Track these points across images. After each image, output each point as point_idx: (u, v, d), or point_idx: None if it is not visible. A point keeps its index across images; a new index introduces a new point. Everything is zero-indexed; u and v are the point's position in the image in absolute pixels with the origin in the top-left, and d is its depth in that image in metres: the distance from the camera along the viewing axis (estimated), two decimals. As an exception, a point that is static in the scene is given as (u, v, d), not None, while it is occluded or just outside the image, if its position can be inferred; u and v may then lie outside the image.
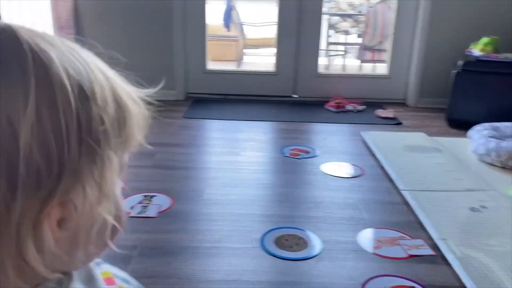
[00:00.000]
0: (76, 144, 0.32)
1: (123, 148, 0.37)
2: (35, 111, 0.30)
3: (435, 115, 3.15)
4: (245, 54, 5.14)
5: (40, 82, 0.31)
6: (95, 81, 0.34)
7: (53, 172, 0.31)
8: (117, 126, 0.35)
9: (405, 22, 3.35)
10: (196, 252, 1.48)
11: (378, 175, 2.14)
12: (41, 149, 0.30)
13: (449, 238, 1.56)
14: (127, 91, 0.38)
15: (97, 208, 0.34)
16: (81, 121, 0.32)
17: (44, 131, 0.31)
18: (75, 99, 0.32)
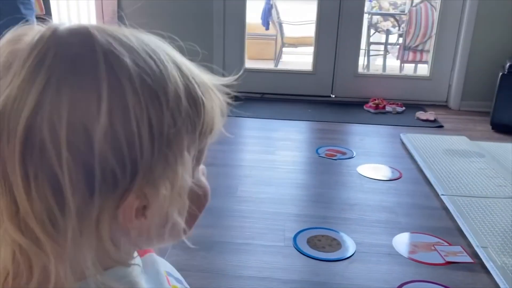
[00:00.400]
0: (148, 146, 0.33)
1: (200, 141, 0.38)
2: (108, 117, 0.31)
3: (478, 118, 3.04)
4: (283, 53, 5.13)
5: (112, 88, 0.32)
6: (168, 80, 0.34)
7: (127, 173, 0.32)
8: (191, 122, 0.36)
9: (449, 22, 3.24)
10: (229, 247, 1.49)
11: (416, 179, 2.09)
12: (115, 153, 0.32)
13: (489, 246, 1.50)
14: (203, 81, 0.38)
15: (169, 207, 0.35)
16: (153, 124, 0.33)
17: (117, 136, 0.32)
18: (146, 103, 0.33)
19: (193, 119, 0.36)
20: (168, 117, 0.34)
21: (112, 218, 0.33)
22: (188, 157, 0.36)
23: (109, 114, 0.31)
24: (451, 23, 3.24)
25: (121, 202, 0.33)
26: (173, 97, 0.34)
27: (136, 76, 0.33)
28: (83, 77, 0.32)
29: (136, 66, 0.33)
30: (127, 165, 0.32)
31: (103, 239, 0.34)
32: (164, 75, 0.34)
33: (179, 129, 0.35)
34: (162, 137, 0.33)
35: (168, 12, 3.21)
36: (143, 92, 0.33)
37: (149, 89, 0.33)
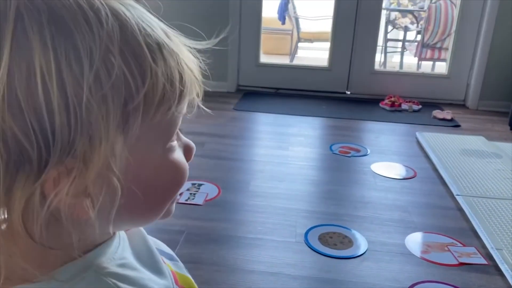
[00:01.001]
0: (61, 114, 0.28)
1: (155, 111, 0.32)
2: (7, 76, 0.27)
3: (497, 118, 2.98)
4: (299, 48, 5.10)
5: (17, 42, 0.28)
6: (97, 34, 0.29)
7: (34, 144, 0.29)
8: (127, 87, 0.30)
9: (469, 20, 3.19)
10: (240, 242, 1.49)
11: (431, 178, 2.06)
12: (16, 120, 0.28)
13: (504, 248, 1.48)
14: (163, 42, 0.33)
15: (92, 183, 0.31)
16: (66, 85, 0.28)
17: (17, 99, 0.28)
18: (58, 61, 0.28)
19: (132, 86, 0.30)
20: (91, 80, 0.29)
21: (28, 195, 0.29)
22: (119, 131, 0.31)
23: (8, 72, 0.27)
24: (471, 21, 3.18)
25: (38, 178, 0.29)
26: (101, 56, 0.29)
27: (48, 28, 0.28)
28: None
29: (53, 19, 0.28)
30: (36, 136, 0.28)
31: (12, 217, 0.30)
32: (92, 29, 0.29)
33: (106, 95, 0.29)
34: (81, 105, 0.28)
35: (183, 2, 3.21)
36: (56, 50, 0.28)
37: (66, 45, 0.28)
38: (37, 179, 0.29)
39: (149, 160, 0.35)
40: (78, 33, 0.29)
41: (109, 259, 0.36)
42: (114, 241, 0.38)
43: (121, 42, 0.30)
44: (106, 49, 0.29)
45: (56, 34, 0.28)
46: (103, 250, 0.37)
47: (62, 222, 0.32)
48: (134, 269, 0.37)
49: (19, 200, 0.29)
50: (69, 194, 0.30)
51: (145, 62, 0.31)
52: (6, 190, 0.29)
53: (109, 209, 0.33)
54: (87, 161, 0.30)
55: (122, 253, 0.38)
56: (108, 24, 0.30)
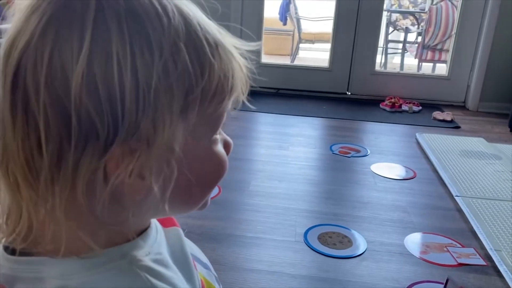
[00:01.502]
0: (132, 98, 0.31)
1: (208, 105, 0.35)
2: (86, 60, 0.30)
3: (496, 120, 2.99)
4: (300, 49, 5.11)
5: (97, 29, 0.30)
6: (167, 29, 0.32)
7: (105, 124, 0.31)
8: (190, 80, 0.33)
9: (470, 21, 3.19)
10: (240, 241, 1.50)
11: (430, 179, 2.07)
12: (92, 101, 0.30)
13: (503, 249, 1.48)
14: (219, 40, 0.36)
15: (152, 166, 0.33)
16: (138, 73, 0.31)
17: (95, 82, 0.30)
18: (133, 50, 0.30)
19: (193, 78, 0.33)
20: (160, 69, 0.31)
21: (93, 170, 0.32)
22: (180, 118, 0.33)
23: (88, 57, 0.30)
24: (472, 23, 3.18)
25: (104, 154, 0.31)
26: (169, 49, 0.32)
27: (125, 20, 0.30)
28: (70, 16, 0.30)
29: (130, 11, 0.31)
30: (107, 115, 0.30)
31: (77, 189, 0.32)
32: (163, 24, 0.32)
33: (171, 84, 0.32)
34: (150, 90, 0.31)
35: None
36: (131, 38, 0.30)
37: (140, 35, 0.31)
38: (102, 156, 0.31)
39: (199, 149, 0.37)
40: (150, 26, 0.31)
41: (145, 252, 0.37)
42: (151, 234, 0.39)
43: (186, 37, 0.33)
44: (173, 43, 0.32)
45: (132, 25, 0.31)
46: (140, 241, 0.37)
47: (119, 200, 0.34)
48: (168, 267, 0.38)
49: (84, 174, 0.31)
50: (132, 173, 0.32)
51: (205, 57, 0.34)
52: (74, 163, 0.31)
53: (163, 191, 0.35)
54: (151, 143, 0.32)
55: (159, 248, 0.39)
56: (175, 19, 0.32)
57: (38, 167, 0.32)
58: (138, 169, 0.32)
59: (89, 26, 0.30)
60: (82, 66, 0.30)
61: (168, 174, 0.34)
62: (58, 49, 0.30)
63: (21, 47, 0.31)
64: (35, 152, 0.31)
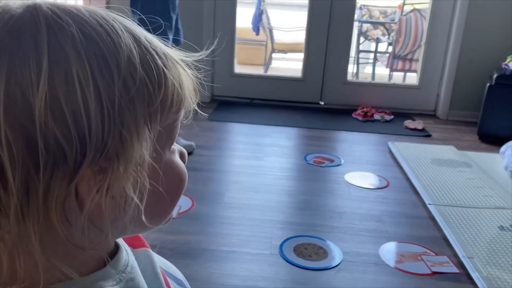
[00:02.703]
0: (97, 117, 0.31)
1: (165, 116, 0.35)
2: (48, 85, 0.29)
3: (466, 128, 3.06)
4: (273, 59, 5.13)
5: (54, 53, 0.30)
6: (120, 47, 0.33)
7: (74, 146, 0.30)
8: (148, 93, 0.33)
9: (438, 31, 3.27)
10: (214, 255, 1.47)
11: (403, 188, 2.09)
12: (58, 124, 0.30)
13: (475, 257, 1.50)
14: (167, 53, 0.36)
15: (125, 183, 0.33)
16: (101, 92, 0.31)
17: (59, 105, 0.30)
18: (93, 70, 0.31)
19: (151, 90, 0.34)
20: (120, 85, 0.32)
21: (65, 196, 0.31)
22: (145, 131, 0.33)
23: (50, 81, 0.29)
24: (440, 33, 3.27)
25: (74, 178, 0.31)
26: (125, 65, 0.32)
27: (80, 43, 0.31)
28: (22, 43, 0.30)
29: (82, 34, 0.31)
30: (74, 137, 0.30)
31: (51, 219, 0.31)
32: (115, 42, 0.32)
33: (133, 98, 0.32)
34: (114, 107, 0.31)
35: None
36: (89, 59, 0.31)
37: (96, 55, 0.31)
38: (72, 180, 0.31)
39: (162, 161, 0.37)
40: (104, 45, 0.32)
41: (116, 280, 0.36)
42: (122, 258, 0.39)
43: (138, 52, 0.34)
44: (128, 59, 0.33)
45: (87, 45, 0.31)
46: (111, 269, 0.37)
47: (97, 223, 0.34)
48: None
49: (56, 201, 0.31)
50: (107, 193, 0.32)
51: (158, 69, 0.35)
52: (43, 192, 0.30)
53: (138, 207, 0.34)
54: (120, 159, 0.32)
55: (131, 271, 0.38)
56: (125, 37, 0.33)
57: (5, 203, 0.30)
58: (112, 188, 0.32)
59: (44, 51, 0.30)
60: (44, 89, 0.29)
61: (142, 189, 0.34)
62: (14, 76, 0.29)
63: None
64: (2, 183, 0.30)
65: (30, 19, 0.31)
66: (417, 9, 4.29)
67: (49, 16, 0.31)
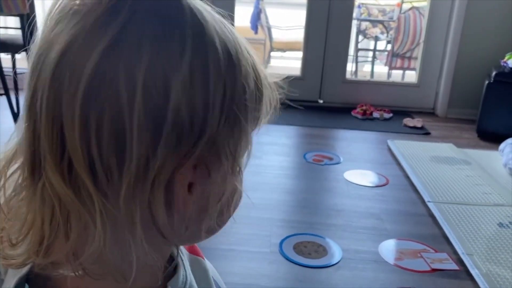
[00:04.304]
0: (218, 109, 0.31)
1: (254, 125, 0.37)
2: (189, 69, 0.30)
3: (465, 126, 3.06)
4: (272, 58, 5.13)
5: (196, 41, 0.31)
6: (240, 51, 0.34)
7: (193, 132, 0.31)
8: (255, 101, 0.35)
9: (437, 29, 3.27)
10: (214, 253, 1.47)
11: (403, 185, 2.09)
12: (188, 108, 0.30)
13: (475, 254, 1.50)
14: (263, 70, 0.38)
15: (229, 179, 0.34)
16: (227, 87, 0.32)
17: (194, 90, 0.30)
18: (224, 64, 0.32)
19: (257, 97, 0.35)
20: (240, 84, 0.33)
21: (168, 182, 0.31)
22: (250, 133, 0.35)
23: (190, 68, 0.30)
24: (439, 31, 3.26)
25: (180, 165, 0.31)
26: (244, 67, 0.34)
27: (216, 34, 0.32)
28: (167, 26, 0.30)
29: (214, 25, 0.33)
30: (197, 123, 0.31)
31: (155, 207, 0.30)
32: (236, 44, 0.34)
33: (247, 101, 0.34)
34: (233, 102, 0.32)
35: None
36: (222, 52, 0.32)
37: (226, 51, 0.33)
38: (180, 165, 0.31)
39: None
40: (231, 45, 0.33)
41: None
42: (180, 276, 0.38)
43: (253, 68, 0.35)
44: (247, 72, 0.34)
45: (222, 40, 0.33)
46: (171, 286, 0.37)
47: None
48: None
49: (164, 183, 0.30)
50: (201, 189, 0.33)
51: (262, 84, 0.36)
52: (157, 173, 0.30)
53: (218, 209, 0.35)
54: (226, 157, 0.33)
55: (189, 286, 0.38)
56: (244, 48, 0.35)
57: (116, 177, 0.29)
58: (210, 186, 0.33)
59: (188, 40, 0.31)
60: (185, 74, 0.30)
61: (233, 194, 0.36)
62: (158, 55, 0.29)
63: (101, 49, 0.29)
64: (113, 159, 0.29)
65: (176, 4, 0.31)
66: (416, 7, 4.29)
67: (192, 6, 0.32)
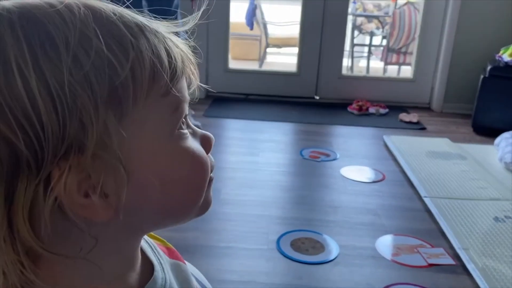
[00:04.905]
0: (46, 101, 0.28)
1: (139, 93, 0.31)
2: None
3: (460, 121, 3.07)
4: (267, 54, 5.12)
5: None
6: (71, 25, 0.29)
7: (28, 142, 0.28)
8: (111, 67, 0.29)
9: (432, 24, 3.28)
10: (212, 251, 1.47)
11: (399, 181, 2.10)
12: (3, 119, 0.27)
13: (471, 248, 1.51)
14: (145, 26, 0.32)
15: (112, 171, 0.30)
16: (46, 74, 0.28)
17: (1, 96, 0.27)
18: (34, 51, 0.28)
19: (116, 62, 0.29)
20: (70, 62, 0.28)
21: (33, 195, 0.28)
22: (106, 111, 0.29)
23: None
24: (434, 26, 3.27)
25: (40, 181, 0.28)
26: (76, 40, 0.29)
27: (21, 28, 0.28)
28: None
29: (24, 18, 0.29)
30: (23, 129, 0.27)
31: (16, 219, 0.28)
32: (66, 21, 0.29)
33: (87, 74, 0.28)
34: (63, 88, 0.28)
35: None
36: (30, 42, 0.28)
37: (40, 37, 0.28)
38: (37, 178, 0.28)
39: (159, 147, 0.33)
40: (51, 24, 0.29)
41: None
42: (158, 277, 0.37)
43: (96, 25, 0.30)
44: (81, 33, 0.29)
45: (28, 27, 0.28)
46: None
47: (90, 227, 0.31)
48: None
49: (23, 205, 0.28)
50: (71, 187, 0.29)
51: (124, 39, 0.31)
52: (5, 199, 0.28)
53: (121, 201, 0.31)
54: (82, 145, 0.28)
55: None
56: (81, 13, 0.30)
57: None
58: (78, 179, 0.29)
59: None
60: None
61: (118, 180, 0.30)
62: None
63: None
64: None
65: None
66: (411, 2, 4.29)
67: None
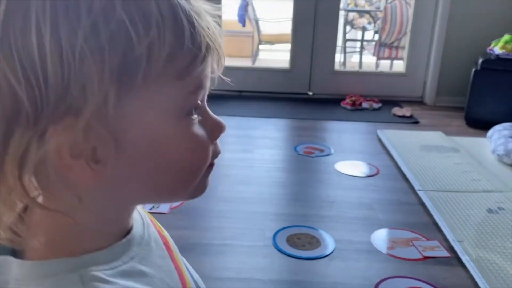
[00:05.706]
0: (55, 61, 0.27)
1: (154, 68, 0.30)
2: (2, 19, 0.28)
3: (453, 114, 3.09)
4: (260, 50, 5.12)
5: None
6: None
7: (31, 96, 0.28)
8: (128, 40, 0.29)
9: (423, 18, 3.29)
10: (207, 249, 1.48)
11: (393, 175, 2.11)
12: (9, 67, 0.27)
13: (465, 240, 1.53)
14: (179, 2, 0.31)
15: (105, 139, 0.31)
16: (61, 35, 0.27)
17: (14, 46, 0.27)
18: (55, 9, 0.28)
19: (135, 35, 0.28)
20: (87, 29, 0.27)
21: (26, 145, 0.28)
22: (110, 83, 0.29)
23: (5, 17, 0.27)
24: (425, 20, 3.28)
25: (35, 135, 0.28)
26: (100, 6, 0.28)
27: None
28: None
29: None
30: (27, 80, 0.27)
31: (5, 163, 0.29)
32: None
33: (101, 45, 0.28)
34: (74, 51, 0.27)
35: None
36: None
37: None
38: (33, 130, 0.28)
39: (161, 128, 0.33)
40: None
41: (111, 266, 0.34)
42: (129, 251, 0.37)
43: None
44: (107, 0, 0.28)
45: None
46: (102, 256, 0.34)
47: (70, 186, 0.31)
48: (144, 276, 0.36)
49: (14, 150, 0.28)
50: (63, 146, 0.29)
51: (151, 15, 0.29)
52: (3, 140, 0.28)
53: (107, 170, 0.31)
54: (79, 110, 0.28)
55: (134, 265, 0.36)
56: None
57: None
58: (69, 142, 0.29)
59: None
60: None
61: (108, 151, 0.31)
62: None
63: None
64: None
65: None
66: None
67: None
